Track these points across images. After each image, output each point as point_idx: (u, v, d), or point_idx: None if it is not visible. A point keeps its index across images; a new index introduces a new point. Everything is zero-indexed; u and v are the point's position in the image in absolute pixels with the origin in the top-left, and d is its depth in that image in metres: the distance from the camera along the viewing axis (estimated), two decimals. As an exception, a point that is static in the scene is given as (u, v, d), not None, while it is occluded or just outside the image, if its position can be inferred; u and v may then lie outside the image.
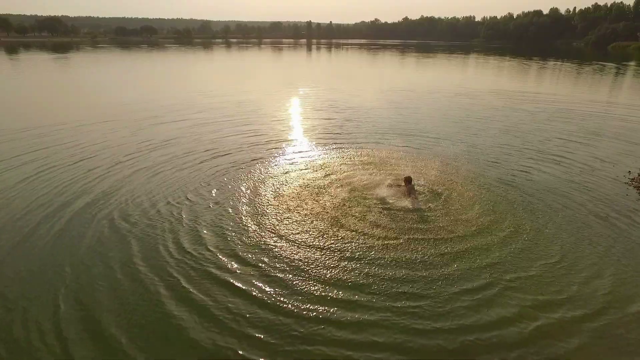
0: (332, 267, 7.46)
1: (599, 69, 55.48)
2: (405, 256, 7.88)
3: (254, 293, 6.74)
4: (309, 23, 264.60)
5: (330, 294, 6.74)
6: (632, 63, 69.01)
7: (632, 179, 12.09)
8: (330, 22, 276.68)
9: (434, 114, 23.24)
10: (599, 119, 21.93)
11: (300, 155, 14.45)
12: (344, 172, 12.56)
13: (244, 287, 6.87)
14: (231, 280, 7.05)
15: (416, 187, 10.98)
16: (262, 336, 5.81)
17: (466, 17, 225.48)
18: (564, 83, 41.64)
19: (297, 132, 18.15)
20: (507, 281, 7.13)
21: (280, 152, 14.89)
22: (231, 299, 6.58)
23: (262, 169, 12.84)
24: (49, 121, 19.05)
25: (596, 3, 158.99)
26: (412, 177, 10.99)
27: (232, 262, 7.57)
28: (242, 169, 12.88)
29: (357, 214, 9.60)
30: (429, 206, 10.11)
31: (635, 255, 8.08)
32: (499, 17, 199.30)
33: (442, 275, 7.30)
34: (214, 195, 10.72)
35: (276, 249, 8.05)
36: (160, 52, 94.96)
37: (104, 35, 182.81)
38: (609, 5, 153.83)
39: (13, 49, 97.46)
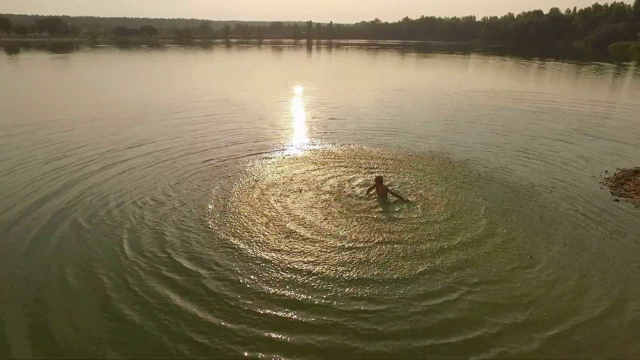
0: (289, 270, 7.21)
1: (596, 69, 55.15)
2: (367, 259, 7.60)
3: (203, 296, 6.51)
4: (309, 23, 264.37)
5: (284, 297, 6.51)
6: (631, 63, 68.64)
7: (607, 179, 11.85)
8: (331, 22, 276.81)
9: (423, 112, 23.04)
10: (590, 118, 21.67)
11: (275, 154, 14.24)
12: (317, 171, 12.35)
13: (193, 289, 6.65)
14: (180, 282, 6.83)
15: (389, 187, 10.75)
16: (208, 340, 5.59)
17: (466, 17, 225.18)
18: (559, 83, 41.38)
19: (277, 131, 17.92)
20: (472, 285, 6.85)
21: (257, 150, 14.65)
22: (180, 301, 6.37)
23: (235, 168, 12.62)
24: (32, 120, 18.92)
25: (596, 3, 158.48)
26: (383, 176, 10.67)
27: (185, 264, 7.34)
28: (217, 167, 12.68)
29: (323, 215, 9.34)
30: (399, 207, 9.88)
31: (599, 258, 7.81)
32: (499, 17, 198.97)
33: (404, 278, 7.02)
34: (181, 195, 10.49)
35: (232, 251, 7.80)
36: (158, 52, 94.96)
37: (104, 36, 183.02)
38: (609, 5, 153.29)
39: (13, 48, 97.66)
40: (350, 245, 8.07)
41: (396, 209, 9.74)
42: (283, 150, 14.77)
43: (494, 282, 6.99)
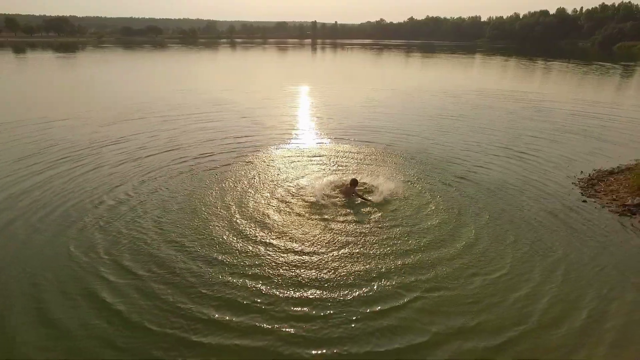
0: (235, 273, 6.95)
1: (597, 69, 54.40)
2: (319, 261, 7.32)
3: (136, 298, 6.35)
4: (314, 23, 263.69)
5: (221, 299, 6.31)
6: (634, 63, 67.60)
7: (580, 179, 11.59)
8: (336, 22, 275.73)
9: (410, 111, 22.79)
10: (581, 117, 21.27)
11: (248, 153, 14.05)
12: (290, 170, 12.17)
13: (126, 290, 6.50)
14: (116, 283, 6.69)
15: (364, 188, 10.49)
16: (130, 343, 5.49)
17: (472, 17, 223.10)
18: (555, 82, 40.87)
19: (259, 130, 17.74)
20: (425, 290, 6.62)
21: (231, 150, 14.48)
22: (111, 301, 6.26)
23: (204, 167, 12.48)
24: (14, 117, 19.00)
25: (603, 3, 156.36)
26: (357, 179, 10.37)
27: (126, 264, 7.17)
28: (186, 166, 12.53)
29: (282, 216, 9.10)
30: (365, 208, 9.58)
31: (562, 262, 7.56)
32: (505, 17, 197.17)
33: (355, 282, 6.75)
34: (141, 194, 10.31)
35: (178, 253, 7.57)
36: (159, 52, 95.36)
37: (110, 36, 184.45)
38: (616, 5, 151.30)
39: (19, 48, 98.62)
40: (304, 247, 7.84)
41: (361, 210, 9.47)
42: (257, 149, 14.55)
43: (448, 288, 6.74)
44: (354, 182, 10.17)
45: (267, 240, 8.05)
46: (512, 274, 7.16)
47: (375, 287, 6.72)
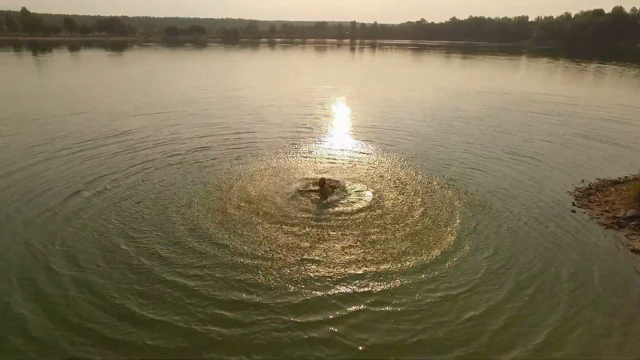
0: (181, 273, 6.83)
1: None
2: (269, 266, 7.05)
3: (68, 290, 6.47)
4: (354, 23, 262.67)
5: (150, 297, 6.25)
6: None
7: (577, 188, 10.74)
8: (375, 22, 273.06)
9: (423, 112, 22.08)
10: (608, 123, 19.67)
11: (244, 153, 14.19)
12: (276, 168, 12.09)
13: (68, 284, 6.58)
14: (62, 274, 6.81)
15: (337, 189, 10.24)
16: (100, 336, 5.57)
17: (519, 17, 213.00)
18: (598, 86, 38.18)
19: (263, 127, 17.94)
20: (381, 312, 6.08)
21: (227, 147, 14.72)
22: (48, 292, 6.47)
23: (192, 163, 12.79)
24: (37, 111, 20.46)
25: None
26: (325, 179, 10.23)
27: (77, 257, 7.28)
28: (176, 161, 12.87)
29: (245, 218, 8.78)
30: (348, 213, 9.13)
31: (535, 280, 7.03)
32: (555, 17, 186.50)
33: (304, 297, 6.31)
34: (120, 187, 10.55)
35: (133, 248, 7.62)
36: (198, 51, 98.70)
37: (157, 35, 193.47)
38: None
39: (74, 47, 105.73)
40: (257, 250, 7.57)
41: (336, 213, 9.05)
42: (257, 147, 14.63)
43: (398, 302, 6.26)
44: (322, 183, 10.04)
45: (222, 242, 7.82)
46: (477, 290, 6.63)
47: (317, 295, 6.39)
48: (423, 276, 6.93)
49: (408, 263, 7.28)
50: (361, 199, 9.85)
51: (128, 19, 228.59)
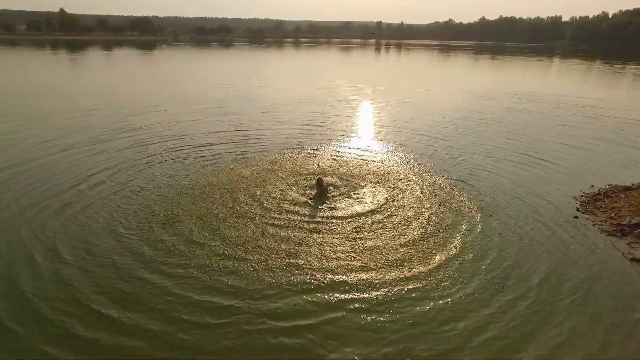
0: (155, 270, 6.77)
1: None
2: (253, 267, 6.87)
3: (48, 280, 6.58)
4: (379, 23, 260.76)
5: (122, 295, 6.21)
6: None
7: (585, 194, 10.25)
8: (402, 22, 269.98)
9: (439, 112, 21.60)
10: (635, 127, 18.76)
11: (245, 146, 14.33)
12: (277, 167, 12.04)
13: (49, 276, 6.65)
14: (43, 266, 6.91)
15: (335, 189, 10.15)
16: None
17: (551, 17, 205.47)
18: (628, 88, 36.41)
19: (271, 124, 18.05)
20: (359, 321, 5.82)
21: (235, 142, 14.90)
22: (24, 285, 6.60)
23: (196, 156, 13.01)
24: (65, 105, 21.38)
25: None
26: (322, 178, 10.12)
27: (61, 250, 7.36)
28: (181, 157, 13.06)
29: (232, 219, 8.60)
30: (338, 212, 8.98)
31: (525, 297, 6.55)
32: (590, 17, 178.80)
33: (284, 301, 6.10)
34: (120, 180, 10.72)
35: (116, 244, 7.61)
36: (224, 50, 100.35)
37: (185, 35, 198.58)
38: None
39: (107, 45, 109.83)
40: (239, 251, 7.40)
41: (328, 216, 8.81)
42: (260, 146, 14.60)
43: (380, 310, 5.95)
44: (320, 182, 9.97)
45: (205, 242, 7.73)
46: (465, 300, 6.28)
47: (296, 300, 6.20)
48: (412, 284, 6.63)
49: (399, 270, 6.98)
50: (359, 200, 9.66)
51: (159, 19, 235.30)
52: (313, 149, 14.02)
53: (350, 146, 14.57)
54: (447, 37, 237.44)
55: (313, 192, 9.95)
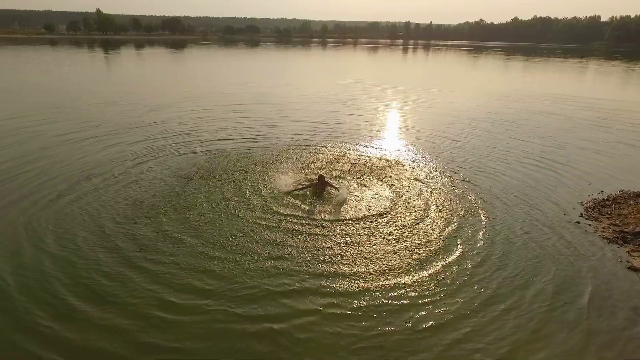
0: (155, 262, 6.92)
1: None
2: (248, 268, 6.76)
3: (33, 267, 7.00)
4: (407, 23, 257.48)
5: (95, 290, 6.27)
6: None
7: (593, 199, 9.78)
8: (430, 22, 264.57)
9: (455, 114, 21.10)
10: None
11: (252, 142, 14.50)
12: (282, 165, 12.09)
13: (32, 265, 6.87)
14: (28, 256, 7.18)
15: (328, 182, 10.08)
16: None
17: (589, 17, 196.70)
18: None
19: (281, 121, 18.18)
20: (327, 314, 5.81)
21: (243, 138, 15.11)
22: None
23: (203, 151, 13.26)
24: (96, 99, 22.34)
25: None
26: (323, 175, 10.11)
27: (47, 240, 7.61)
28: (188, 151, 13.41)
29: (233, 213, 8.75)
30: (332, 210, 8.96)
31: (513, 309, 6.41)
32: (632, 17, 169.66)
33: (260, 303, 5.99)
34: (120, 174, 10.96)
35: (104, 237, 7.94)
36: (249, 50, 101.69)
37: (214, 34, 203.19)
38: None
39: (139, 44, 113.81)
40: (228, 242, 7.53)
41: (326, 216, 8.73)
42: (267, 142, 14.76)
43: (349, 324, 5.67)
44: (321, 178, 10.02)
45: (197, 233, 7.84)
46: (444, 301, 6.09)
47: (271, 291, 6.23)
48: (391, 282, 6.52)
49: (380, 269, 6.87)
50: (356, 201, 9.52)
51: (189, 19, 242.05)
52: (317, 147, 14.00)
53: (353, 145, 14.41)
54: (477, 38, 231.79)
55: (310, 187, 9.97)
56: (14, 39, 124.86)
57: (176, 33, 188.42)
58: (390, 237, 7.92)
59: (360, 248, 7.51)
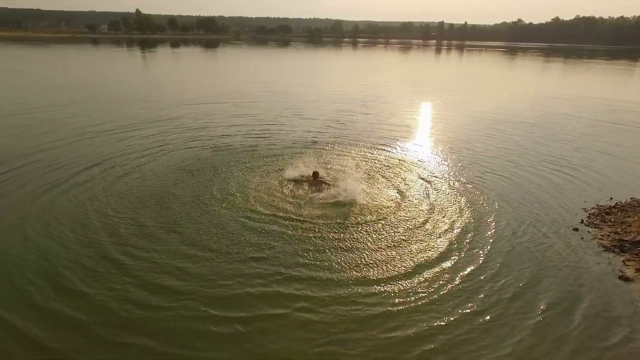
0: (135, 256, 6.95)
1: None
2: (225, 268, 6.66)
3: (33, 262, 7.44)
4: (441, 23, 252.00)
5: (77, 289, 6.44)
6: None
7: (599, 206, 9.26)
8: (465, 22, 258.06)
9: (474, 116, 20.53)
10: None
11: (259, 138, 14.72)
12: (285, 162, 12.26)
13: (29, 258, 7.48)
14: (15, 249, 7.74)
15: (332, 185, 9.98)
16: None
17: (638, 16, 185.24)
18: None
19: (292, 119, 18.31)
20: (304, 316, 5.73)
21: (252, 135, 15.38)
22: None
23: (209, 146, 13.59)
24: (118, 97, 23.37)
25: None
26: (318, 172, 10.20)
27: (52, 225, 8.21)
28: (195, 146, 13.78)
29: (221, 211, 8.73)
30: (326, 209, 8.81)
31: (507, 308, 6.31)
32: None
33: (249, 294, 6.02)
34: (125, 167, 11.25)
35: (98, 230, 8.42)
36: (279, 49, 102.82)
37: (246, 34, 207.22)
38: None
39: (175, 43, 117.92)
40: (210, 240, 7.51)
41: (320, 215, 8.62)
42: (274, 139, 14.94)
43: (330, 314, 5.72)
44: (316, 175, 10.10)
45: (180, 230, 7.85)
46: (425, 309, 5.87)
47: (245, 292, 6.14)
48: (375, 288, 6.32)
49: (366, 274, 6.65)
50: (353, 199, 9.28)
51: (224, 19, 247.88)
52: (322, 145, 14.03)
53: (359, 145, 14.30)
54: (515, 39, 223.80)
55: (307, 183, 10.05)
56: (60, 38, 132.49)
57: (210, 33, 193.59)
58: (378, 237, 7.84)
59: (350, 252, 7.30)
